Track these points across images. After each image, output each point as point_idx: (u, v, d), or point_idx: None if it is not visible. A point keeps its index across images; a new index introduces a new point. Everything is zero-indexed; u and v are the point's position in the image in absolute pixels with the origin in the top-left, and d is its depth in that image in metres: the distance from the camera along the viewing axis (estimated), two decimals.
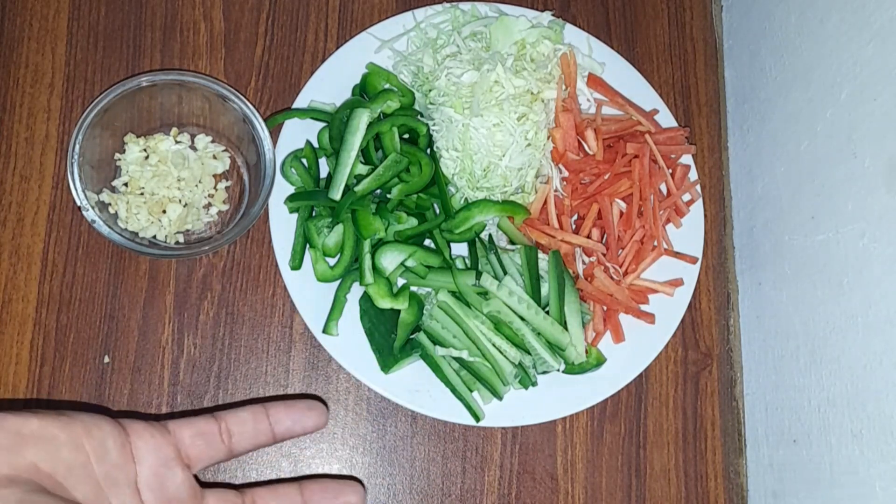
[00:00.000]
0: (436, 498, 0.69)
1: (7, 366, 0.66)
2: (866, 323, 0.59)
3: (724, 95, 0.84)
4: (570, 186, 0.72)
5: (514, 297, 0.66)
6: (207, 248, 0.65)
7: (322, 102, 0.72)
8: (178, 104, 0.69)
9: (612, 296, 0.70)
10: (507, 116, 0.70)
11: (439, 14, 0.76)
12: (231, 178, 0.72)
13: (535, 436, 0.71)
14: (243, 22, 0.77)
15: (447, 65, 0.72)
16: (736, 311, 0.78)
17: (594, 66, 0.77)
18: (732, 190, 0.81)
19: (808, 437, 0.65)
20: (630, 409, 0.73)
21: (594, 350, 0.69)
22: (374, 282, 0.66)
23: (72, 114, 0.72)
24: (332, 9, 0.79)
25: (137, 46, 0.75)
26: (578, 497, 0.70)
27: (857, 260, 0.61)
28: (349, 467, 0.68)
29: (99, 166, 0.67)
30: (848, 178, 0.62)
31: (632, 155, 0.72)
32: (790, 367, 0.69)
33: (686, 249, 0.74)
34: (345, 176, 0.67)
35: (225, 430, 0.45)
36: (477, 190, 0.71)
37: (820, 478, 0.63)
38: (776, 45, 0.75)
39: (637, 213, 0.72)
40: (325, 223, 0.68)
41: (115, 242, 0.63)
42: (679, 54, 0.83)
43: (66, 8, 0.75)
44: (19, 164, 0.70)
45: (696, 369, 0.75)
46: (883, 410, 0.56)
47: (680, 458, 0.72)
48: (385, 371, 0.66)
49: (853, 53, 0.62)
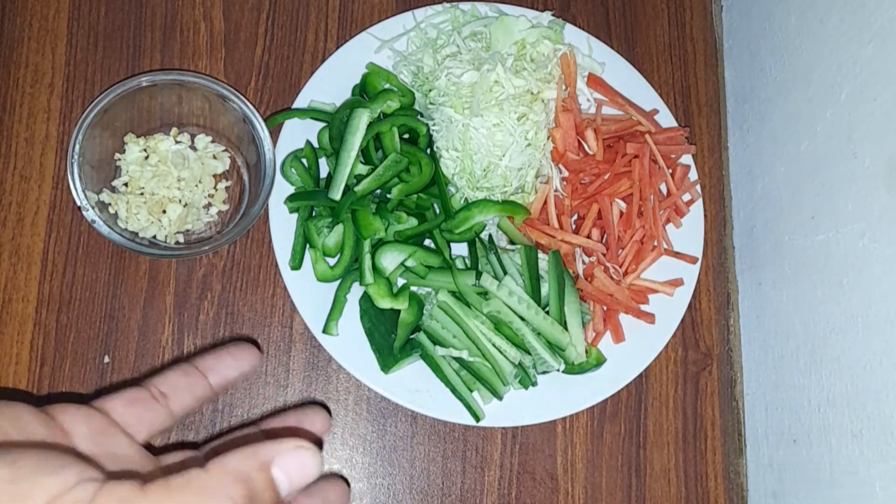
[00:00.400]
0: (436, 498, 0.69)
1: (7, 366, 0.66)
2: (866, 323, 0.59)
3: (724, 95, 0.84)
4: (570, 186, 0.72)
5: (514, 297, 0.66)
6: (207, 248, 0.65)
7: (322, 102, 0.72)
8: (178, 104, 0.69)
9: (612, 296, 0.70)
10: (507, 116, 0.70)
11: (439, 14, 0.76)
12: (231, 178, 0.72)
13: (535, 436, 0.71)
14: (243, 22, 0.77)
15: (447, 65, 0.72)
16: (736, 311, 0.78)
17: (594, 66, 0.77)
18: (732, 190, 0.81)
19: (808, 437, 0.65)
20: (630, 409, 0.73)
21: (594, 350, 0.69)
22: (374, 282, 0.66)
23: (72, 114, 0.72)
24: (332, 9, 0.79)
25: (137, 46, 0.75)
26: (578, 497, 0.70)
27: (858, 260, 0.61)
28: (349, 467, 0.68)
29: (99, 166, 0.67)
30: (848, 178, 0.62)
31: (632, 155, 0.72)
32: (790, 367, 0.69)
33: (686, 249, 0.74)
34: (345, 176, 0.67)
35: (158, 393, 0.44)
36: (477, 190, 0.71)
37: (820, 478, 0.63)
38: (776, 45, 0.75)
39: (637, 213, 0.72)
40: (325, 223, 0.68)
41: (115, 242, 0.63)
42: (679, 54, 0.83)
43: (66, 8, 0.75)
44: (19, 164, 0.70)
45: (696, 369, 0.75)
46: (883, 410, 0.56)
47: (680, 458, 0.72)
48: (385, 371, 0.66)
49: (853, 53, 0.62)
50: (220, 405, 0.68)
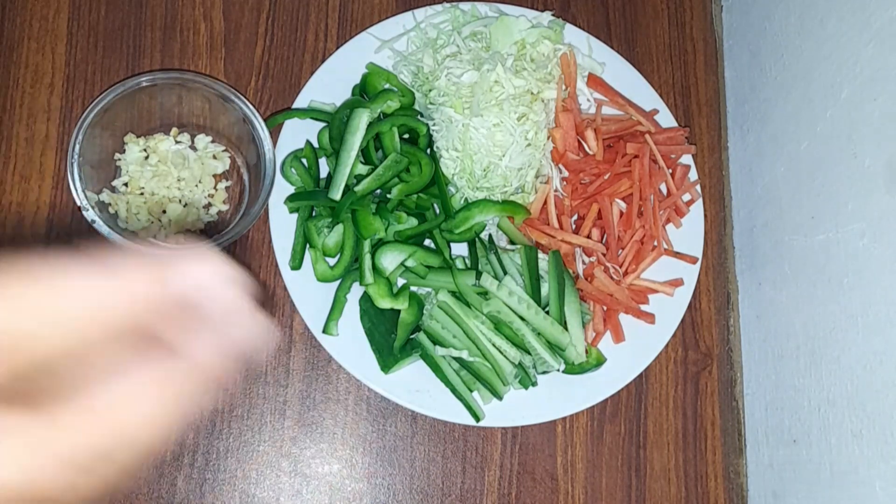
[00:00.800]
0: (436, 498, 0.69)
1: None
2: (866, 323, 0.59)
3: (724, 95, 0.84)
4: (570, 186, 0.72)
5: (514, 297, 0.66)
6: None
7: (322, 102, 0.72)
8: (178, 104, 0.69)
9: (612, 296, 0.70)
10: (507, 116, 0.70)
11: (439, 14, 0.76)
12: (231, 178, 0.72)
13: (535, 436, 0.71)
14: (243, 22, 0.77)
15: (447, 65, 0.72)
16: (736, 311, 0.78)
17: (594, 66, 0.77)
18: (732, 190, 0.81)
19: (808, 437, 0.65)
20: (630, 409, 0.73)
21: (594, 350, 0.69)
22: (374, 282, 0.66)
23: (72, 114, 0.72)
24: (332, 9, 0.79)
25: (137, 46, 0.75)
26: (578, 497, 0.70)
27: (858, 260, 0.61)
28: (349, 467, 0.68)
29: (99, 166, 0.67)
30: (848, 178, 0.62)
31: (632, 155, 0.72)
32: (790, 367, 0.69)
33: (686, 249, 0.73)
34: (345, 176, 0.67)
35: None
36: (477, 190, 0.71)
37: (820, 478, 0.63)
38: (776, 45, 0.75)
39: (637, 213, 0.72)
40: (325, 223, 0.68)
41: (115, 242, 0.63)
42: (679, 54, 0.83)
43: (66, 8, 0.75)
44: (19, 164, 0.70)
45: (696, 369, 0.75)
46: (883, 410, 0.56)
47: (680, 458, 0.72)
48: (385, 371, 0.66)
49: (853, 53, 0.62)
50: (220, 405, 0.68)
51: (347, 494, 0.68)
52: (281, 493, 0.67)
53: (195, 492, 0.66)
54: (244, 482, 0.67)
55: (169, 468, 0.66)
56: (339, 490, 0.68)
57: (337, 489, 0.68)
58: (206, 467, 0.67)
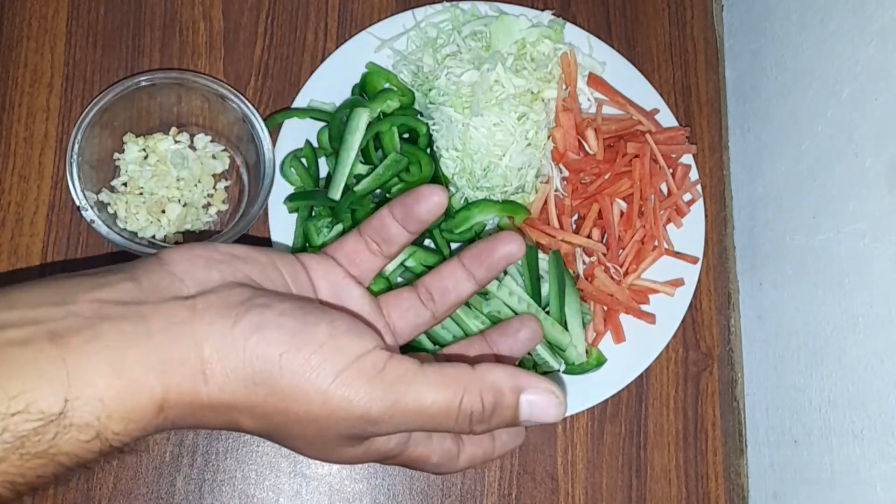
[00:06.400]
0: (436, 499, 0.69)
1: None
2: (867, 323, 0.59)
3: (725, 95, 0.84)
4: (570, 186, 0.72)
5: (514, 297, 0.65)
6: None
7: (322, 102, 0.72)
8: (178, 104, 0.69)
9: (612, 296, 0.70)
10: (508, 116, 0.70)
11: (439, 13, 0.76)
12: (230, 178, 0.72)
13: (535, 436, 0.71)
14: (243, 21, 0.77)
15: (447, 64, 0.72)
16: (737, 312, 0.78)
17: (594, 66, 0.77)
18: (733, 190, 0.81)
19: (809, 438, 0.65)
20: (630, 409, 0.72)
21: (595, 350, 0.69)
22: (373, 281, 0.66)
23: (71, 113, 0.72)
24: (332, 8, 0.79)
25: (136, 46, 0.75)
26: (579, 498, 0.70)
27: (859, 260, 0.60)
28: (349, 467, 0.68)
29: (98, 166, 0.67)
30: (849, 177, 0.62)
31: (632, 154, 0.72)
32: (791, 368, 0.69)
33: (687, 249, 0.73)
34: (344, 176, 0.67)
35: (370, 242, 0.49)
36: (477, 190, 0.71)
37: (821, 478, 0.63)
38: (777, 44, 0.75)
39: (637, 212, 0.71)
40: (324, 223, 0.68)
41: (114, 242, 0.63)
42: (680, 54, 0.83)
43: (65, 7, 0.75)
44: (18, 164, 0.70)
45: (696, 369, 0.74)
46: (884, 411, 0.56)
47: (680, 458, 0.72)
48: None
49: (854, 53, 0.62)
50: None
51: (347, 495, 0.68)
52: (280, 493, 0.67)
53: (194, 492, 0.66)
54: (243, 483, 0.67)
55: (168, 468, 0.66)
56: (339, 490, 0.68)
57: (337, 489, 0.68)
58: (205, 468, 0.67)
